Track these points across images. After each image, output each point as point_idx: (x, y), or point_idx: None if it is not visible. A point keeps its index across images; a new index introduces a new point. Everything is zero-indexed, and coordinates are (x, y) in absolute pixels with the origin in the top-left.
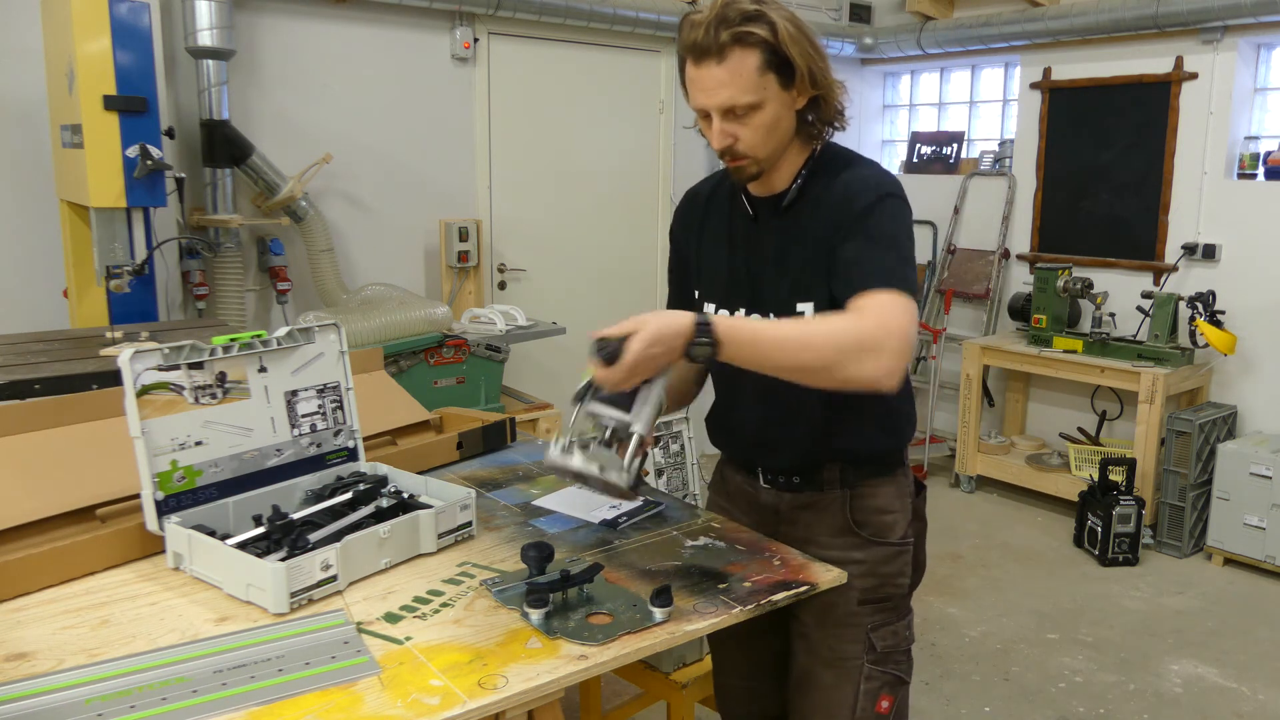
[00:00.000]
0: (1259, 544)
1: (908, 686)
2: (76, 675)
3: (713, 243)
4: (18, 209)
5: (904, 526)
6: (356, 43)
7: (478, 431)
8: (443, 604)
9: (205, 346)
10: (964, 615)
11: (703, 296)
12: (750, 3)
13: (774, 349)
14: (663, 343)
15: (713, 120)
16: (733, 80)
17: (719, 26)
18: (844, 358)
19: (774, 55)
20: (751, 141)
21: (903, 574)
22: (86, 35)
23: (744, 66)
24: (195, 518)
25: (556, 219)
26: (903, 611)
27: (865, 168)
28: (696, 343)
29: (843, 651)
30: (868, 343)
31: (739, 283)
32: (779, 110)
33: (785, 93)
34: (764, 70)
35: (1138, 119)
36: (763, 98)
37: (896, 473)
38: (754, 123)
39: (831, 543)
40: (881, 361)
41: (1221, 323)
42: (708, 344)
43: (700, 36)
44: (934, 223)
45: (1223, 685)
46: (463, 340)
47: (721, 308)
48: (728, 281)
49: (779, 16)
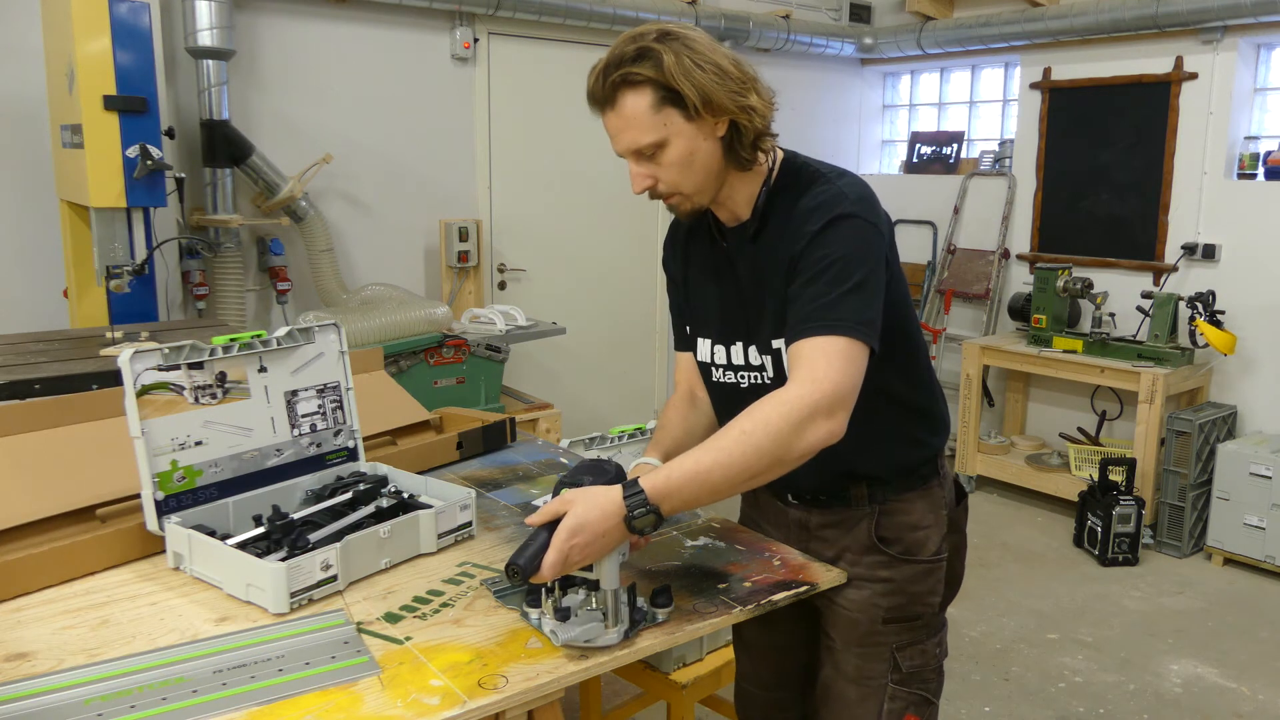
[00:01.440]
0: (1259, 544)
1: (935, 707)
2: (76, 675)
3: (699, 274)
4: (18, 209)
5: (937, 542)
6: (356, 43)
7: (478, 431)
8: (443, 604)
9: (205, 346)
10: (964, 615)
11: (695, 332)
12: (633, 43)
13: (720, 479)
14: (588, 531)
15: (630, 166)
16: (629, 124)
17: (606, 73)
18: (786, 448)
19: (666, 90)
20: (671, 179)
21: (934, 592)
22: (86, 35)
23: (637, 107)
24: (195, 518)
25: (556, 219)
26: (933, 629)
27: (824, 184)
28: (633, 516)
29: (867, 670)
30: (802, 417)
31: (731, 318)
32: (690, 143)
33: (692, 124)
34: (659, 106)
35: (1138, 119)
36: (664, 134)
37: (931, 484)
38: (666, 160)
39: (859, 560)
40: (821, 427)
41: (1221, 323)
42: (646, 512)
43: (592, 86)
44: (934, 223)
45: (1223, 685)
46: (463, 340)
47: (717, 344)
48: (720, 317)
49: (668, 48)
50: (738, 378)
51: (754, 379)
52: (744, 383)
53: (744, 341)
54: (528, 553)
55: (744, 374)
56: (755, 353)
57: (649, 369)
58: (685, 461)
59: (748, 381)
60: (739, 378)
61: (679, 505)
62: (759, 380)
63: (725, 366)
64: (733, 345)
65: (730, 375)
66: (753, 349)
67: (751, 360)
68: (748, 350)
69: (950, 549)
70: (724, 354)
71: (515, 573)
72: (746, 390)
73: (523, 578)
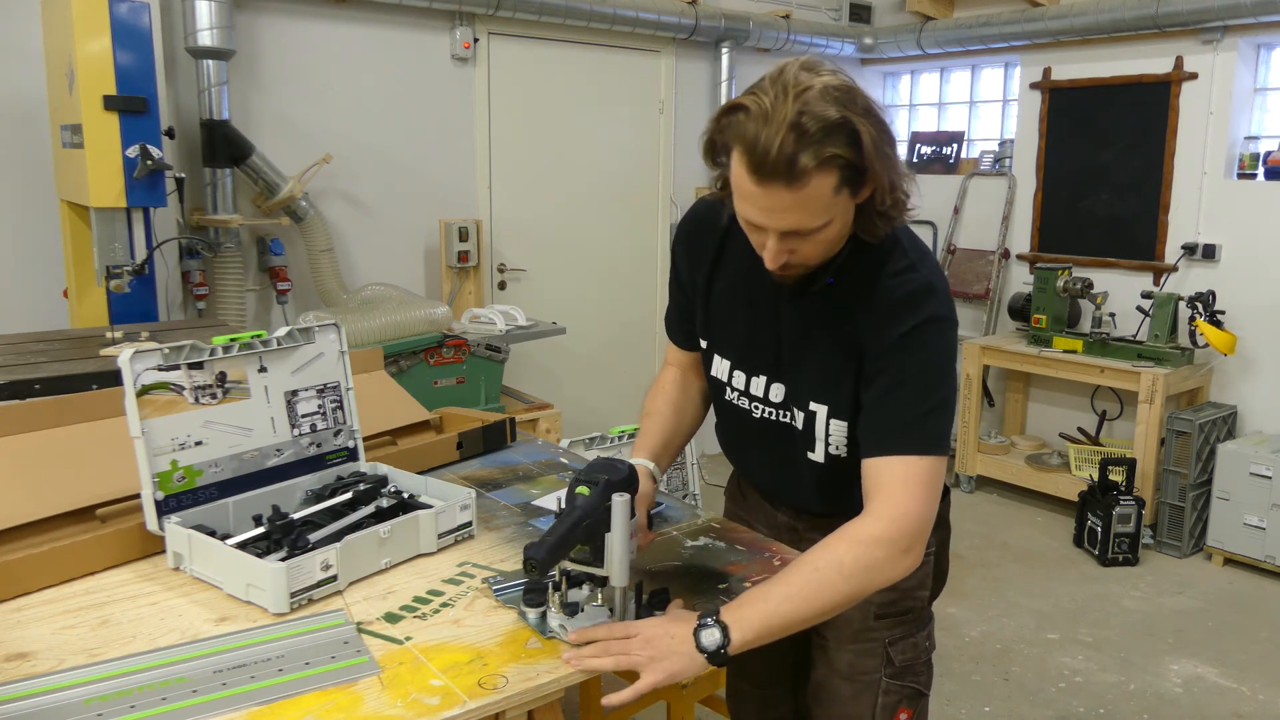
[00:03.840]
0: (1259, 544)
1: (926, 699)
2: (76, 675)
3: (730, 293)
4: (18, 209)
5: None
6: (356, 43)
7: (478, 431)
8: (443, 604)
9: (205, 346)
10: (964, 615)
11: (713, 348)
12: (832, 105)
13: (790, 616)
14: (679, 678)
15: (767, 237)
16: (805, 206)
17: (797, 145)
18: (861, 589)
19: (853, 171)
20: (810, 255)
21: (923, 586)
22: (86, 35)
23: (820, 190)
24: (195, 518)
25: (556, 219)
26: (922, 622)
27: (905, 261)
28: (713, 655)
29: (860, 666)
30: (878, 561)
31: (762, 351)
32: (845, 221)
33: (853, 200)
34: (839, 188)
35: (1138, 119)
36: (832, 215)
37: None
38: (818, 239)
39: None
40: (899, 565)
41: (1221, 323)
42: (715, 624)
43: (769, 150)
44: (934, 223)
45: (1223, 685)
46: (463, 340)
47: (737, 369)
48: (747, 345)
49: (863, 121)
50: (751, 406)
51: (771, 414)
52: (757, 413)
53: (769, 378)
54: (545, 546)
55: (760, 406)
56: (782, 393)
57: (649, 369)
58: (759, 610)
59: (760, 413)
60: (753, 406)
61: (750, 632)
62: (776, 417)
63: (742, 393)
64: (755, 377)
65: (744, 402)
66: (778, 387)
67: (773, 397)
68: (770, 387)
69: (937, 543)
70: (743, 381)
71: (533, 566)
72: (758, 421)
73: (540, 570)
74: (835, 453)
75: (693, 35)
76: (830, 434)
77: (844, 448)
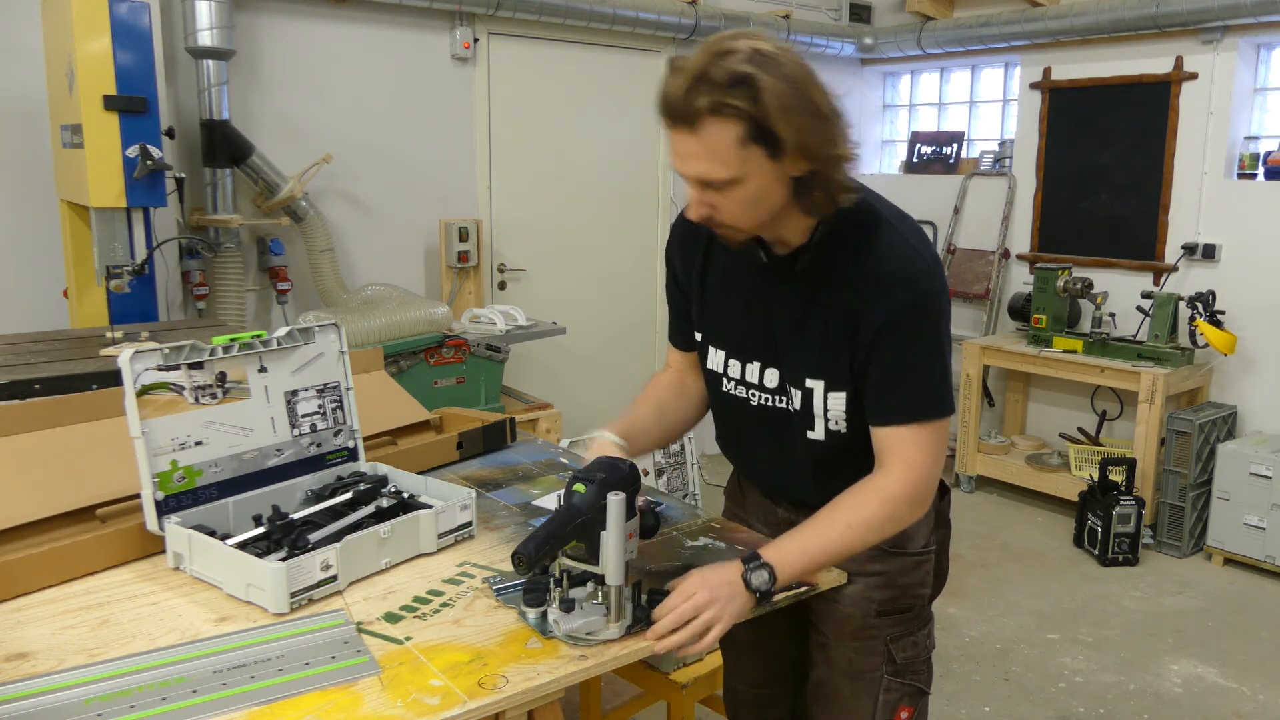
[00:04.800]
0: (1259, 544)
1: (927, 697)
2: (76, 675)
3: (721, 285)
4: (18, 209)
5: (926, 534)
6: (356, 43)
7: (478, 431)
8: (443, 604)
9: (205, 346)
10: (964, 615)
11: (708, 341)
12: (743, 61)
13: (824, 567)
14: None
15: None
16: (708, 153)
17: (697, 87)
18: (883, 536)
19: (758, 128)
20: (733, 214)
21: (923, 584)
22: (86, 35)
23: (721, 139)
24: (195, 518)
25: (556, 219)
26: (923, 620)
27: (899, 244)
28: (750, 572)
29: (862, 664)
30: (900, 512)
31: (756, 339)
32: (765, 183)
33: (774, 163)
34: (745, 143)
35: (1138, 119)
36: (743, 172)
37: None
38: (734, 196)
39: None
40: (917, 512)
41: (1221, 323)
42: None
43: (676, 95)
44: (934, 223)
45: (1223, 685)
46: (463, 340)
47: (732, 358)
48: (744, 334)
49: (772, 80)
50: (748, 394)
51: (767, 400)
52: (754, 400)
53: (763, 363)
54: (534, 542)
55: (756, 393)
56: (776, 377)
57: (649, 369)
58: (796, 548)
59: (758, 400)
60: (749, 394)
61: (788, 577)
62: (772, 403)
63: (738, 381)
64: (749, 363)
65: (741, 390)
66: (772, 372)
67: (768, 383)
68: (765, 372)
69: (938, 542)
70: (739, 369)
71: (521, 561)
72: (755, 408)
73: (528, 565)
74: (835, 428)
75: (693, 35)
76: (829, 408)
77: (843, 421)
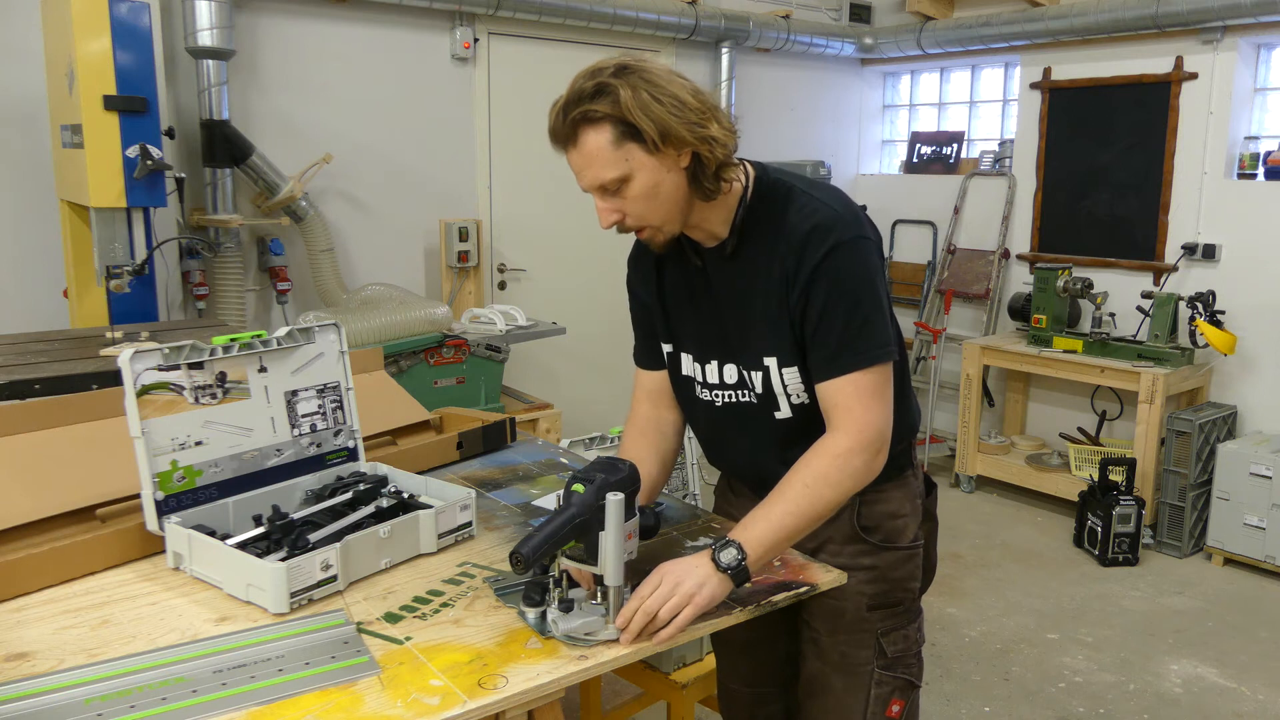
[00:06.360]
0: (1259, 544)
1: (918, 690)
2: (76, 675)
3: (674, 292)
4: (18, 209)
5: (914, 529)
6: (356, 43)
7: (478, 431)
8: (443, 604)
9: (205, 346)
10: (964, 615)
11: (678, 348)
12: (590, 78)
13: (793, 528)
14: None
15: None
16: (591, 160)
17: (569, 109)
18: (845, 493)
19: (625, 125)
20: (638, 212)
21: (913, 578)
22: (86, 35)
23: (598, 144)
24: (195, 518)
25: (556, 219)
26: (913, 614)
27: (807, 200)
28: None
29: (854, 658)
30: (855, 466)
31: (709, 336)
32: (653, 176)
33: (654, 157)
34: (620, 141)
35: (1138, 119)
36: (627, 170)
37: (905, 474)
38: (631, 195)
39: (841, 550)
40: (873, 465)
41: (1221, 323)
42: (726, 543)
43: (554, 124)
44: (934, 223)
45: (1223, 685)
46: (463, 340)
47: (697, 361)
48: (698, 335)
49: (625, 82)
50: (714, 396)
51: (730, 397)
52: (719, 400)
53: (720, 360)
54: (532, 542)
55: (719, 393)
56: (734, 371)
57: None
58: (761, 527)
59: (722, 399)
60: (713, 395)
61: (760, 548)
62: (735, 399)
63: (702, 384)
64: (709, 364)
65: (707, 393)
66: (730, 368)
67: (727, 379)
68: (723, 369)
69: (925, 536)
70: (701, 371)
71: (518, 561)
72: (722, 408)
73: (525, 565)
74: (799, 401)
75: (693, 35)
76: (787, 383)
77: (805, 394)
